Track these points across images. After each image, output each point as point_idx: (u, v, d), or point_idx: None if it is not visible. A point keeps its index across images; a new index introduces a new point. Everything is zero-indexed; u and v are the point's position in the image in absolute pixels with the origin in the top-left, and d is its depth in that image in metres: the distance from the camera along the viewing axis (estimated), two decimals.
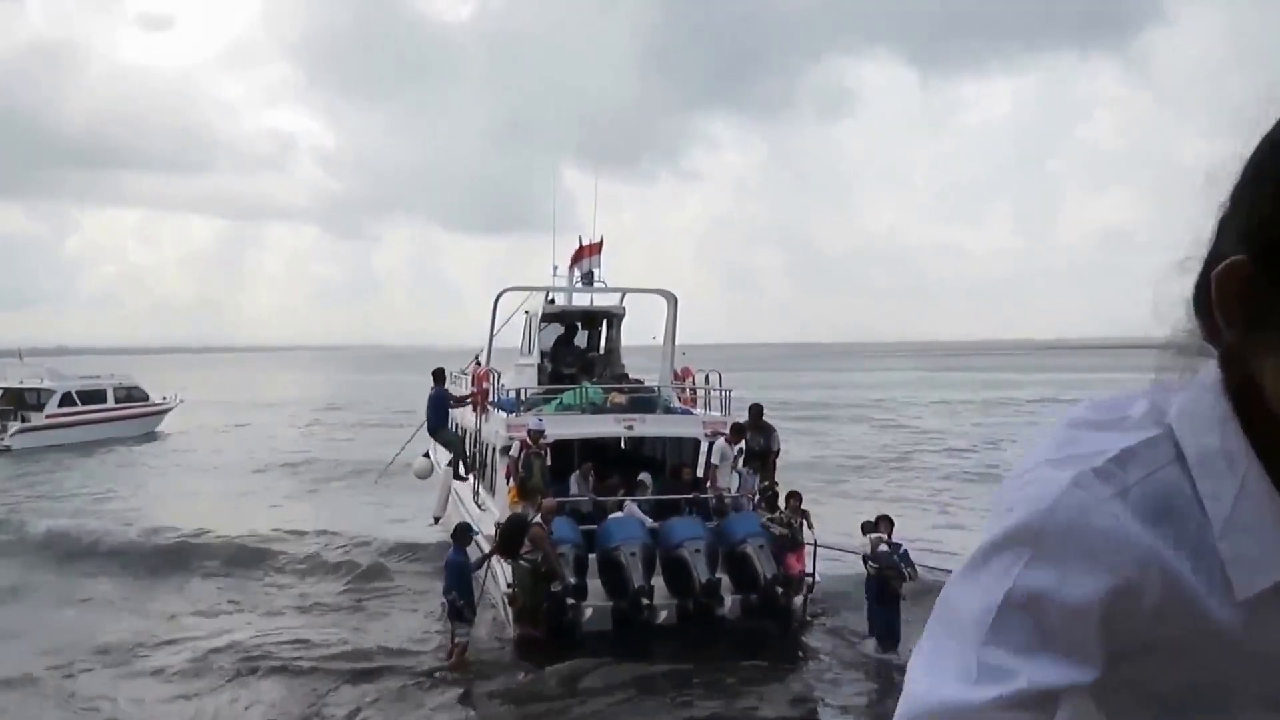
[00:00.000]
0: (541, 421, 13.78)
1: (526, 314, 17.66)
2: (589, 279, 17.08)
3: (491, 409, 16.04)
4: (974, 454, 33.09)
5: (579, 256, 17.13)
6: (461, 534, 12.84)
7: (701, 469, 14.85)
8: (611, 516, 13.31)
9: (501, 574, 12.92)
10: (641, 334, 18.27)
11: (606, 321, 17.82)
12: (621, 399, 15.02)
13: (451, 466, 18.05)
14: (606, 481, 14.30)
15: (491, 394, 16.27)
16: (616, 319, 17.73)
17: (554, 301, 17.40)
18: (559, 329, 17.63)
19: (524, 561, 12.11)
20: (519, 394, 15.57)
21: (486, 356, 17.49)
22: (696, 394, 16.56)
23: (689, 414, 15.57)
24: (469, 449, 17.81)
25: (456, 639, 12.15)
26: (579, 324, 17.85)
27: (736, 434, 14.57)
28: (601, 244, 17.14)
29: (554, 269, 17.74)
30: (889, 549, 12.20)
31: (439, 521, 17.79)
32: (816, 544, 13.67)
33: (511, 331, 17.97)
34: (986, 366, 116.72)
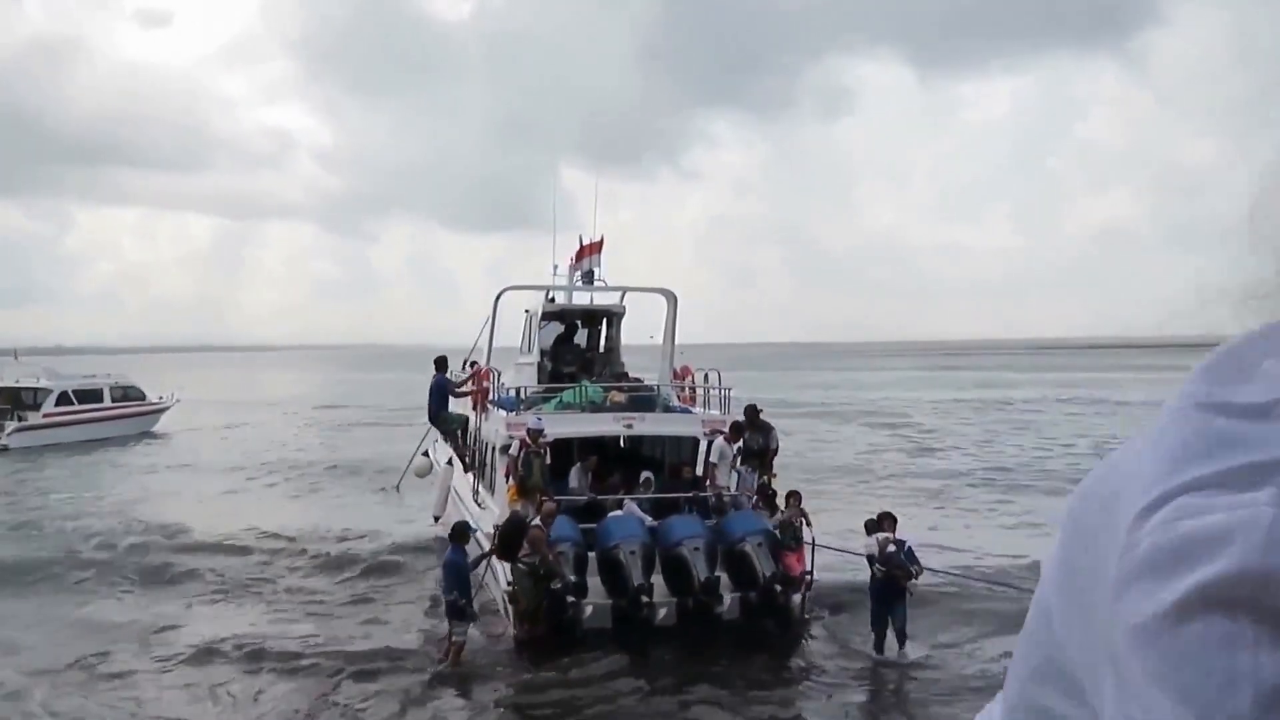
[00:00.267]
0: (541, 420, 13.80)
1: (526, 312, 17.69)
2: (589, 278, 17.10)
3: (491, 407, 16.07)
4: (971, 455, 33.14)
5: (580, 256, 17.15)
6: (459, 533, 12.84)
7: (701, 467, 14.90)
8: (611, 515, 13.35)
9: (502, 572, 12.94)
10: (641, 333, 18.30)
11: (606, 320, 17.83)
12: (621, 397, 15.03)
13: (450, 464, 18.09)
14: (607, 480, 14.34)
15: (492, 392, 16.31)
16: (616, 318, 17.75)
17: (554, 300, 17.43)
18: (559, 327, 17.66)
19: (522, 564, 12.14)
20: (519, 392, 15.60)
21: (487, 355, 17.52)
22: (696, 393, 16.60)
23: (688, 412, 15.58)
24: (469, 447, 17.83)
25: (454, 638, 12.16)
26: (579, 322, 17.87)
27: (735, 432, 14.63)
28: (602, 243, 17.17)
29: (554, 268, 17.78)
30: (896, 548, 12.12)
31: (439, 520, 17.82)
32: (815, 543, 13.72)
33: (511, 330, 18.02)
34: (987, 366, 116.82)
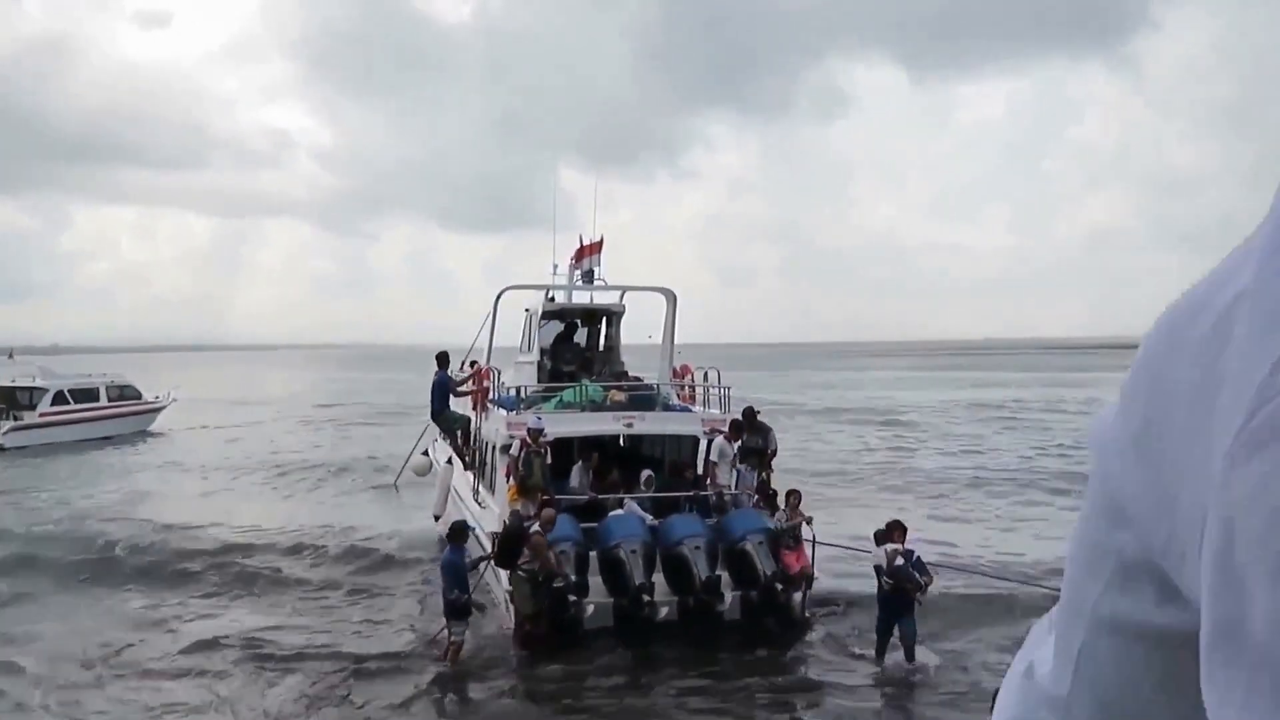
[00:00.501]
0: (541, 420, 13.75)
1: (526, 311, 17.65)
2: (589, 277, 17.05)
3: (491, 406, 16.02)
4: (969, 456, 33.15)
5: (580, 255, 17.10)
6: (457, 533, 12.78)
7: (701, 466, 14.86)
8: (612, 514, 13.32)
9: (504, 575, 12.89)
10: (640, 332, 18.25)
11: (606, 319, 17.79)
12: (621, 396, 15.00)
13: (450, 463, 18.02)
14: (607, 479, 14.30)
15: (492, 392, 16.25)
16: (616, 316, 17.71)
17: (554, 299, 17.38)
18: (558, 326, 17.62)
19: (522, 572, 12.10)
20: (519, 392, 15.55)
21: (487, 355, 17.46)
22: (695, 391, 16.56)
23: (688, 411, 15.55)
24: (470, 446, 17.76)
25: (452, 638, 12.13)
26: (579, 321, 17.83)
27: (735, 431, 14.59)
28: (601, 243, 17.12)
29: (554, 267, 17.72)
30: (905, 560, 11.71)
31: (439, 519, 17.77)
32: (815, 541, 13.69)
33: (511, 329, 17.96)
34: (984, 366, 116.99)
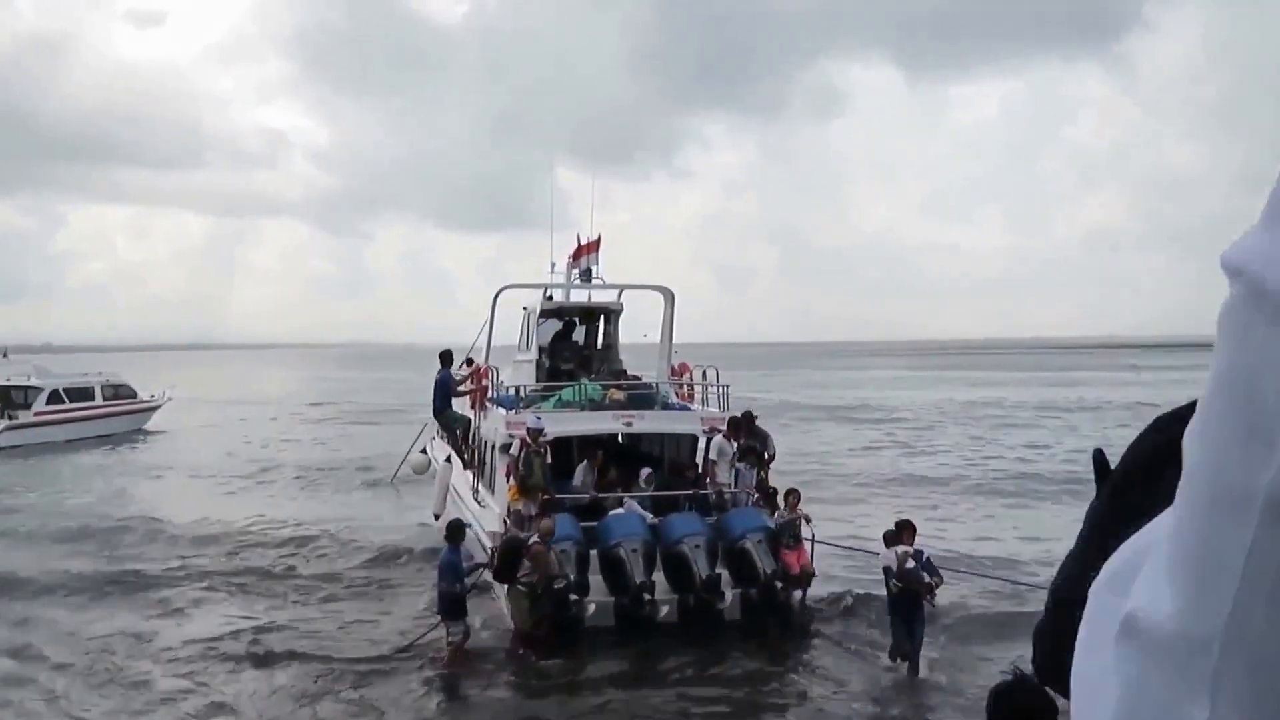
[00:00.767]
0: (540, 420, 13.73)
1: (524, 310, 17.63)
2: (587, 275, 17.03)
3: (490, 405, 16.00)
4: (964, 456, 33.17)
5: (578, 254, 17.08)
6: (455, 532, 12.75)
7: (700, 465, 14.86)
8: (612, 513, 13.31)
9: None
10: (636, 331, 18.24)
11: (604, 317, 17.79)
12: (620, 395, 14.98)
13: (449, 461, 17.99)
14: (606, 477, 14.30)
15: (491, 390, 16.23)
16: (614, 315, 17.70)
17: (552, 297, 17.37)
18: (557, 324, 17.61)
19: (520, 586, 12.09)
20: (518, 391, 15.52)
21: (486, 353, 17.43)
22: (694, 389, 16.55)
23: (687, 410, 15.54)
24: (470, 445, 17.73)
25: (451, 638, 12.12)
26: (577, 319, 17.82)
27: (734, 430, 14.58)
28: (599, 241, 17.09)
29: (551, 266, 17.70)
30: (915, 562, 11.38)
31: (439, 518, 17.73)
32: (815, 540, 13.70)
33: (510, 329, 17.93)
34: (981, 366, 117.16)
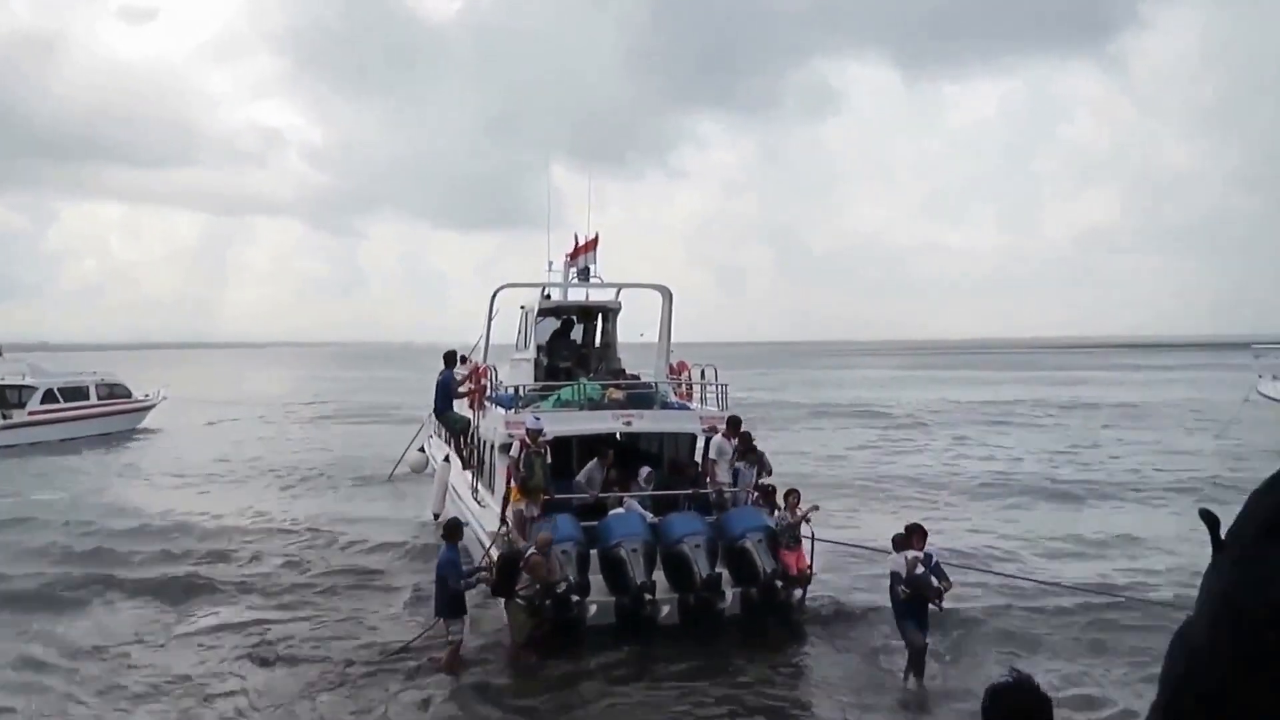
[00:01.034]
0: (539, 420, 13.70)
1: (522, 308, 17.60)
2: (585, 274, 17.00)
3: (489, 405, 15.97)
4: (962, 456, 33.26)
5: (576, 253, 17.05)
6: (453, 531, 12.73)
7: (700, 464, 14.84)
8: (612, 512, 13.30)
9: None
10: (634, 330, 18.21)
11: (602, 316, 17.77)
12: (619, 394, 14.94)
13: (448, 461, 17.98)
14: (608, 477, 14.27)
15: (489, 389, 16.20)
16: (612, 313, 17.68)
17: (550, 296, 17.35)
18: (555, 323, 17.59)
19: (519, 599, 12.06)
20: (517, 390, 15.51)
21: (484, 353, 17.40)
22: (692, 388, 16.53)
23: (686, 409, 15.53)
24: (469, 445, 17.70)
25: (450, 638, 12.10)
26: (575, 318, 17.80)
27: (733, 428, 14.56)
28: (597, 240, 17.07)
29: (549, 264, 17.67)
30: (924, 567, 11.23)
31: (438, 518, 17.73)
32: (815, 539, 13.70)
33: (508, 328, 17.90)
34: (977, 365, 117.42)
